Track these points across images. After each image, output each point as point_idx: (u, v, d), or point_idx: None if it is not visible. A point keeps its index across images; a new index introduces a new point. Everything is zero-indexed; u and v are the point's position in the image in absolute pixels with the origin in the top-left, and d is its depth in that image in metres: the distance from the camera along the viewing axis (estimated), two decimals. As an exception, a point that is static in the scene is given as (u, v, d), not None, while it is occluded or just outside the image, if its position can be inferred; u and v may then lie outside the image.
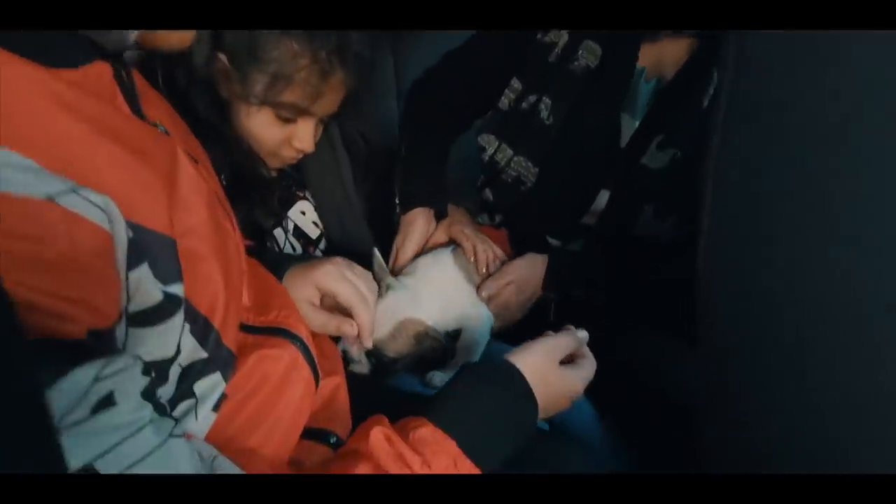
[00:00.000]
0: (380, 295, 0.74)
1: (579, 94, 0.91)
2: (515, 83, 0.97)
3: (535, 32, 0.97)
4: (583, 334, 0.63)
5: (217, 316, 0.48)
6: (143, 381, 0.35)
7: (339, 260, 0.68)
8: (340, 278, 0.65)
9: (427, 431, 0.47)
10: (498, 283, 0.89)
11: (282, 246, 0.88)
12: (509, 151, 0.97)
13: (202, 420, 0.47)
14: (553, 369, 0.56)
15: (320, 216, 0.91)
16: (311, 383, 0.56)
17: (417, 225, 0.94)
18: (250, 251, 0.66)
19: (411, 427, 0.48)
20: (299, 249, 0.89)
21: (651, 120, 0.89)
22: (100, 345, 0.33)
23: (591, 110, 0.91)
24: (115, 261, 0.36)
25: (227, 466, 0.42)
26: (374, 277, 0.81)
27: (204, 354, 0.47)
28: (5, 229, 0.30)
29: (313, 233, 0.91)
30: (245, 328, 0.56)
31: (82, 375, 0.30)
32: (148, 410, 0.34)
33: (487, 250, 0.92)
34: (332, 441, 0.58)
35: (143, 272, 0.38)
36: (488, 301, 0.89)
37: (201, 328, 0.46)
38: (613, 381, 0.82)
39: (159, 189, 0.42)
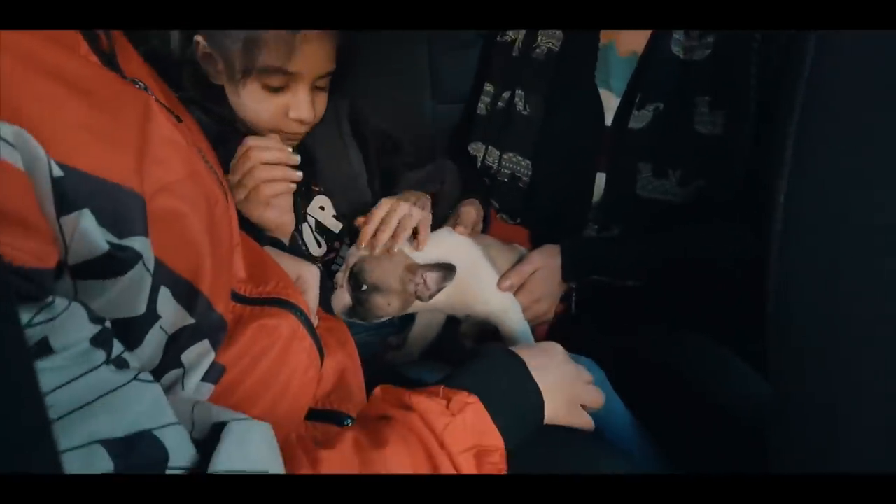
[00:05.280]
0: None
1: (549, 79, 0.92)
2: (487, 87, 1.00)
3: (495, 35, 1.00)
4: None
5: (204, 280, 0.45)
6: (92, 329, 0.32)
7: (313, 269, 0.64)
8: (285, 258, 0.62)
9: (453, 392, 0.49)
10: (521, 272, 0.81)
11: (307, 243, 0.86)
12: (496, 152, 0.97)
13: (193, 391, 0.44)
14: (551, 360, 0.59)
15: (338, 211, 0.88)
16: (314, 354, 0.52)
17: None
18: None
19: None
20: (324, 245, 0.87)
21: (631, 94, 0.87)
22: (32, 287, 0.30)
23: (566, 91, 0.91)
24: (35, 199, 0.32)
25: (207, 412, 0.38)
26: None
27: (191, 321, 0.44)
28: None
29: (335, 227, 0.88)
30: (243, 299, 0.53)
31: None
32: (100, 354, 0.31)
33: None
34: (346, 423, 0.54)
35: (84, 219, 0.35)
36: (514, 293, 0.81)
37: (185, 292, 0.43)
38: (650, 383, 0.75)
39: (117, 137, 0.39)
